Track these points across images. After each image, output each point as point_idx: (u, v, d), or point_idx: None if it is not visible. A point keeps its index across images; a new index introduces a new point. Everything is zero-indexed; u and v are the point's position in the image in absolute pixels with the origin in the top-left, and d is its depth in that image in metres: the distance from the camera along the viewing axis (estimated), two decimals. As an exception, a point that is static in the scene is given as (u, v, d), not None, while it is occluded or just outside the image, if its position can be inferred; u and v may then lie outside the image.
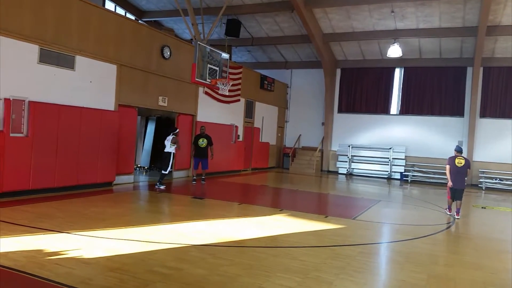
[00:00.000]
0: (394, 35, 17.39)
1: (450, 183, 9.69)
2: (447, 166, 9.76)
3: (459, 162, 9.64)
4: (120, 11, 18.30)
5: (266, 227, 7.52)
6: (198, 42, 11.52)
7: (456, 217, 9.54)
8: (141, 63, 12.02)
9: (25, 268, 4.52)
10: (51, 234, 6.01)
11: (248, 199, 11.70)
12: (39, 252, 5.14)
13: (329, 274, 5.02)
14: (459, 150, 9.88)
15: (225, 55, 12.85)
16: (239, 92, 16.88)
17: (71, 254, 5.13)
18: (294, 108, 22.45)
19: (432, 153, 18.69)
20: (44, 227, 6.35)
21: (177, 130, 11.95)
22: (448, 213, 9.93)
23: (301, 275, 4.88)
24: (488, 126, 18.07)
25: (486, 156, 17.98)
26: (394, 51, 17.41)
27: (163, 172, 11.44)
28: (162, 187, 11.26)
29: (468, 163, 9.75)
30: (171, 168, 11.68)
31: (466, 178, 9.84)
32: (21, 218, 6.85)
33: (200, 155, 13.02)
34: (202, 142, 12.96)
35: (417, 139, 19.32)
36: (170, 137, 11.51)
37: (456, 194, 9.67)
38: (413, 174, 18.93)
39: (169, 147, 11.48)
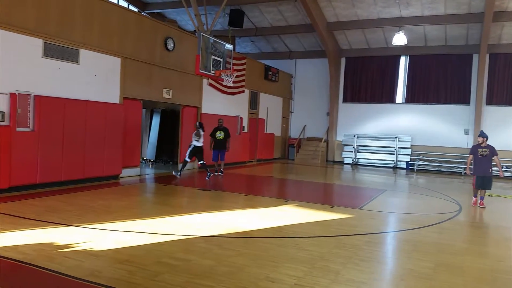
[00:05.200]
0: (399, 22, 17.20)
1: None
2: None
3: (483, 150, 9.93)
4: (123, 3, 18.22)
5: (272, 217, 7.54)
6: (202, 33, 11.47)
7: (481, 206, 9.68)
8: (145, 55, 12.01)
9: (34, 261, 4.57)
10: (59, 227, 6.07)
11: (254, 190, 11.73)
12: (48, 245, 5.19)
13: (336, 263, 5.03)
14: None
15: (228, 46, 12.81)
16: (243, 83, 16.84)
17: (79, 247, 5.18)
18: (298, 99, 22.36)
19: (438, 141, 18.58)
20: (52, 220, 6.41)
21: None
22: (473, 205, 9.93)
23: (308, 265, 4.90)
24: (495, 113, 17.90)
25: (493, 144, 17.21)
26: (399, 39, 17.24)
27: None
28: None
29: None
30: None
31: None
32: (29, 211, 6.92)
33: (218, 147, 13.20)
34: (220, 135, 13.14)
35: (423, 128, 19.19)
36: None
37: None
38: (419, 163, 18.87)
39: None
